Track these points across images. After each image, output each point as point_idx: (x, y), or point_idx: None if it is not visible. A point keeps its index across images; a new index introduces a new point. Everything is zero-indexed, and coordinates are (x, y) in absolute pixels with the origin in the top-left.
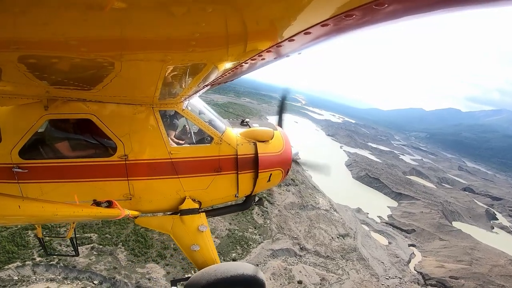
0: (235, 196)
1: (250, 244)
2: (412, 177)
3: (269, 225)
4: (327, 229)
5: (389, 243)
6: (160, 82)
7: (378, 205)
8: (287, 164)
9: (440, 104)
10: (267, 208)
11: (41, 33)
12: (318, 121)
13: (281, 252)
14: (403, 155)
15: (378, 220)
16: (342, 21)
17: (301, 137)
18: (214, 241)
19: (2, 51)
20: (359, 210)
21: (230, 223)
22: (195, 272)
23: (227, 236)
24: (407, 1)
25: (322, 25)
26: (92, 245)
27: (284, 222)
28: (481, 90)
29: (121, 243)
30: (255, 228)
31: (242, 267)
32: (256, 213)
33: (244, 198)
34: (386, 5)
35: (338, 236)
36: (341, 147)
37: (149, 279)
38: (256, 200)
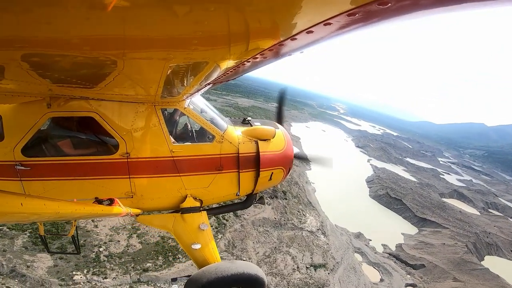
0: (236, 194)
1: (178, 258)
2: (450, 200)
3: (218, 240)
4: (297, 255)
5: (381, 280)
6: (162, 80)
7: (390, 231)
8: (288, 162)
9: (507, 119)
10: (227, 220)
11: (44, 31)
12: (351, 131)
13: None
14: (449, 174)
15: (381, 250)
16: (344, 20)
17: (323, 147)
18: (135, 246)
19: (5, 50)
20: (359, 235)
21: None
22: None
23: (156, 243)
24: (411, 1)
25: (325, 24)
26: (1, 228)
27: (241, 240)
28: None
29: (30, 230)
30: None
31: (243, 266)
32: (211, 224)
33: (245, 196)
34: (390, 4)
35: (308, 265)
36: (368, 160)
37: (28, 267)
38: (257, 198)
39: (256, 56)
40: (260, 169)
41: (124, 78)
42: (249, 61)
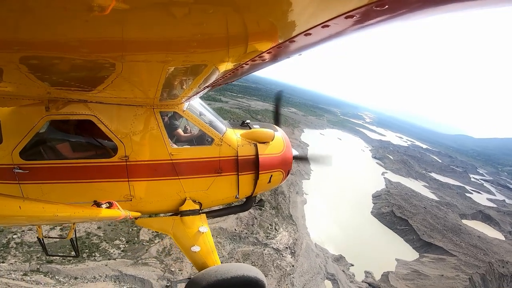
0: (236, 197)
1: (94, 256)
2: (472, 222)
3: (152, 245)
4: None
5: None
6: (161, 83)
7: (383, 255)
8: (287, 165)
9: None
10: None
11: (42, 34)
12: (371, 141)
13: (130, 280)
14: (479, 192)
15: (361, 278)
16: (342, 22)
17: (334, 156)
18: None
19: (3, 52)
20: (339, 259)
21: (99, 227)
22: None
23: (78, 238)
24: (408, 2)
25: (323, 27)
26: None
27: None
28: None
29: None
30: (126, 243)
31: (243, 268)
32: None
33: (245, 199)
34: (387, 6)
35: None
36: (383, 173)
37: None
38: (256, 201)
39: (255, 58)
40: (259, 172)
41: (123, 81)
42: (248, 64)
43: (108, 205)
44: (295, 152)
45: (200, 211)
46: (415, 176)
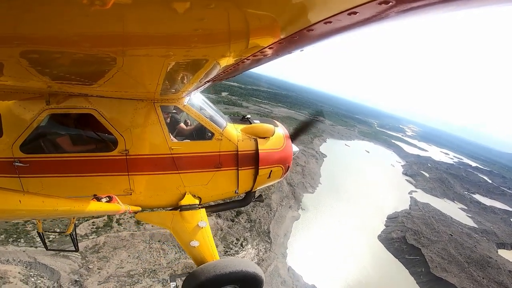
0: (235, 192)
1: (19, 242)
2: (510, 253)
3: (84, 240)
4: None
5: None
6: (162, 77)
7: None
8: (287, 161)
9: None
10: (120, 224)
11: (43, 28)
12: (406, 156)
13: (41, 268)
14: None
15: None
16: (345, 19)
17: (356, 169)
18: None
19: (4, 47)
20: None
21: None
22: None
23: (13, 224)
24: None
25: (325, 23)
26: None
27: (113, 248)
28: None
29: None
30: (58, 234)
31: (242, 263)
32: (94, 223)
33: (244, 194)
34: (391, 3)
35: None
36: (411, 192)
37: None
38: (256, 196)
39: (256, 53)
40: (259, 167)
41: (123, 75)
42: (249, 59)
43: (108, 199)
44: (295, 148)
45: (200, 206)
46: (452, 197)
